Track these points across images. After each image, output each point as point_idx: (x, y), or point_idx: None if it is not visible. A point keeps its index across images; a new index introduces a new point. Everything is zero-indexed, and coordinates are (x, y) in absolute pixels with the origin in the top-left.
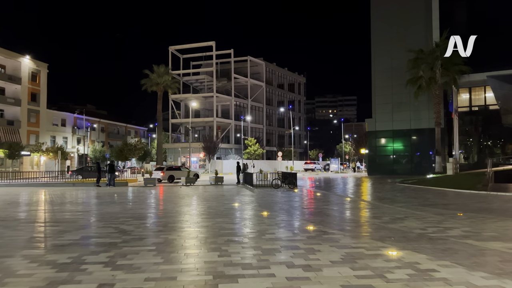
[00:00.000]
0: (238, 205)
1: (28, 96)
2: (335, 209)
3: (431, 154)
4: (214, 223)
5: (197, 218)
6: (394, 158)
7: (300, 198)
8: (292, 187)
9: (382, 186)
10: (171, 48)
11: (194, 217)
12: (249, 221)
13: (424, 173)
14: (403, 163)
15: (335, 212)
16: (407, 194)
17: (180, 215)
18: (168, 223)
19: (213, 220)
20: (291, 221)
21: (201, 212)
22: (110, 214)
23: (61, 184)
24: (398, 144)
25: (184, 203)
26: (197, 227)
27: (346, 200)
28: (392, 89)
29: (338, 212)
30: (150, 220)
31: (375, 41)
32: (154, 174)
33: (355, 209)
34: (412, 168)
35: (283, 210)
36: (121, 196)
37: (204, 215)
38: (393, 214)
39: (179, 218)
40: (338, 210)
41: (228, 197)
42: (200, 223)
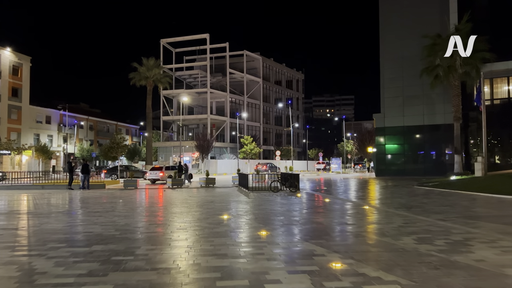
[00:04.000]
0: (227, 218)
1: (8, 91)
2: (357, 225)
3: (447, 153)
4: (186, 250)
5: (163, 245)
6: (405, 158)
7: (306, 206)
8: (294, 190)
9: (399, 190)
10: (163, 41)
11: (160, 242)
12: (239, 250)
13: (439, 174)
14: (415, 163)
15: (359, 229)
16: (436, 201)
17: (138, 240)
18: (109, 258)
19: (184, 249)
20: (303, 249)
21: (174, 230)
22: (44, 233)
23: (29, 187)
24: (410, 142)
25: (158, 214)
26: (153, 264)
27: (364, 209)
28: (403, 80)
29: (363, 229)
30: (91, 246)
31: (384, 28)
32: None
33: (384, 223)
34: (425, 168)
35: (287, 226)
36: (85, 202)
37: (174, 241)
38: (441, 233)
39: (135, 244)
40: (362, 227)
41: (217, 204)
42: (162, 256)
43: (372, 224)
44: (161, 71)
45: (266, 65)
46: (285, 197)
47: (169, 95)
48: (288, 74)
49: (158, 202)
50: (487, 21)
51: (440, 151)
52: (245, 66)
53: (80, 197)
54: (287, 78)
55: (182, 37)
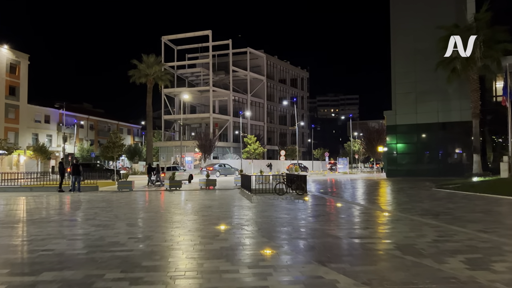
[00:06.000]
0: (224, 230)
1: (5, 89)
2: (382, 239)
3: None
4: (164, 282)
5: (135, 272)
6: (418, 157)
7: (316, 213)
8: (301, 193)
9: (416, 193)
10: (164, 38)
11: (132, 268)
12: (236, 280)
13: (455, 175)
14: (429, 163)
15: (387, 245)
16: (464, 206)
17: (105, 263)
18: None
19: (163, 278)
20: (322, 279)
21: (156, 248)
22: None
23: (16, 189)
24: (423, 141)
25: (144, 223)
26: None
27: (384, 216)
28: (415, 75)
29: (392, 245)
30: (39, 274)
31: (395, 19)
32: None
33: (415, 236)
34: (440, 169)
35: (297, 241)
36: (65, 208)
37: (151, 267)
38: (492, 251)
39: (99, 270)
40: (390, 241)
41: (215, 210)
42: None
43: (401, 237)
44: (161, 68)
45: (270, 63)
46: (292, 201)
47: (170, 94)
48: (293, 72)
49: (149, 208)
50: (508, 11)
51: (455, 151)
52: (248, 64)
53: (64, 201)
54: (291, 76)
55: (183, 34)
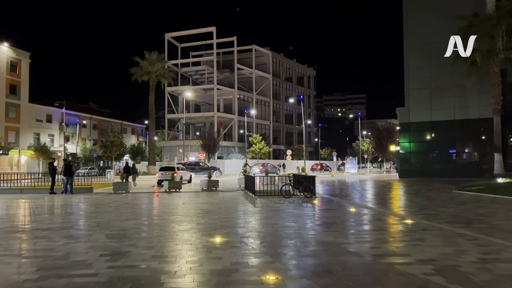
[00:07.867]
0: (220, 243)
1: (6, 88)
2: (415, 257)
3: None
4: None
5: None
6: (433, 157)
7: (327, 220)
8: (309, 196)
9: (437, 196)
10: (167, 35)
11: None
12: None
13: (474, 175)
14: (445, 163)
15: (423, 265)
16: (496, 212)
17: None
18: None
19: None
20: None
21: (131, 271)
22: None
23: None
24: (439, 139)
25: (127, 233)
26: None
27: (407, 224)
28: (430, 69)
29: (430, 266)
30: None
31: (408, 10)
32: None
33: (454, 253)
34: (457, 169)
35: (308, 261)
36: (47, 213)
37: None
38: None
39: None
40: (425, 261)
41: (213, 216)
42: None
43: (436, 255)
44: (164, 65)
45: (276, 61)
46: (300, 205)
47: (174, 92)
48: (299, 70)
49: (140, 213)
50: None
51: (473, 149)
52: (254, 62)
53: (50, 205)
54: (298, 74)
55: (187, 31)
